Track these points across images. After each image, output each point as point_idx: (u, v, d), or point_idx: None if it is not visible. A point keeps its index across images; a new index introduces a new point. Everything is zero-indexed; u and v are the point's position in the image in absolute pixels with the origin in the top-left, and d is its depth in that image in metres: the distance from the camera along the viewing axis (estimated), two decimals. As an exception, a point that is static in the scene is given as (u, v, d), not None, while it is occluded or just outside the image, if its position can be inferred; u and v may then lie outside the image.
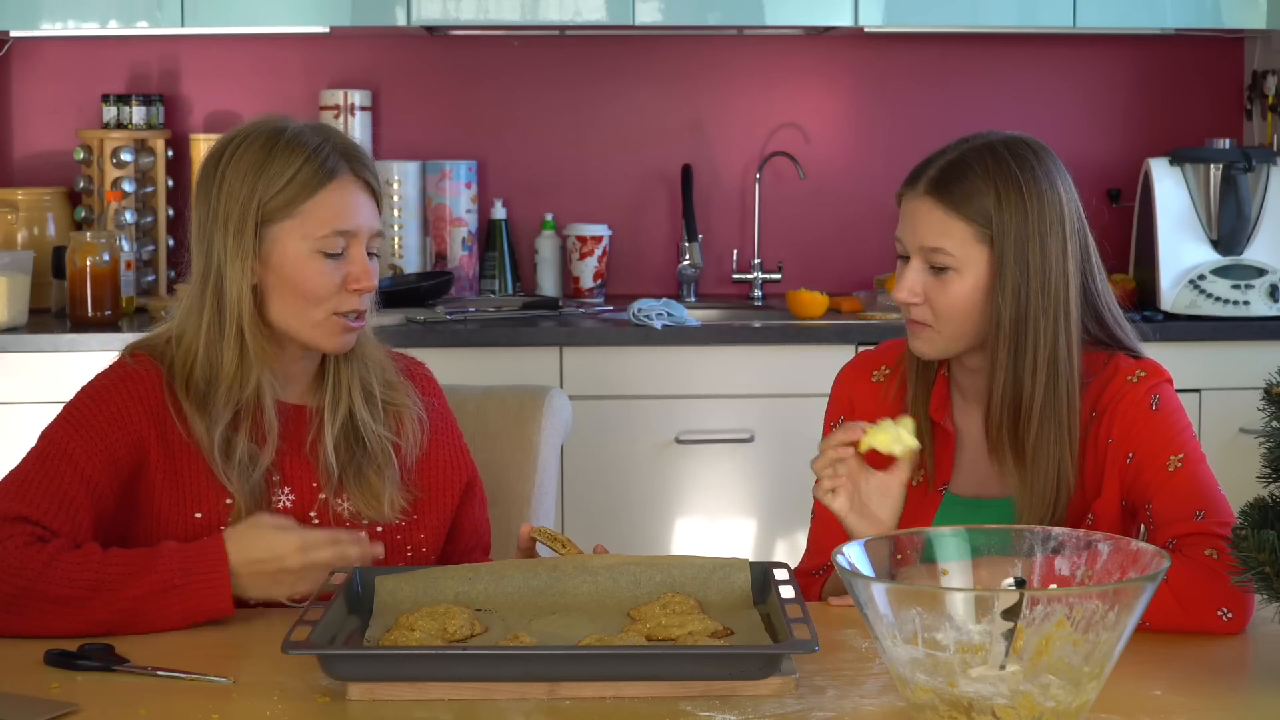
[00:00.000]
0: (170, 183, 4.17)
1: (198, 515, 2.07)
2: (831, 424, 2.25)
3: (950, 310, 2.06)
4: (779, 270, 4.30)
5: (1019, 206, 2.03)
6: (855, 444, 2.03)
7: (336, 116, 4.19)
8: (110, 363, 2.14)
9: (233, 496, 2.07)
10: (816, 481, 2.05)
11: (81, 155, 4.10)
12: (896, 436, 2.01)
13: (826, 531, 2.17)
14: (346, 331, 2.10)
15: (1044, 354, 2.05)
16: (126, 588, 1.91)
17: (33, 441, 2.06)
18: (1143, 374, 2.09)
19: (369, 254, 2.11)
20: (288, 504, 2.12)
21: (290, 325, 2.09)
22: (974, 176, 2.05)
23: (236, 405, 2.07)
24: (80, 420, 2.05)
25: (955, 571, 1.66)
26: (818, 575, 2.19)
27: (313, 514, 2.12)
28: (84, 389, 2.10)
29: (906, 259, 2.10)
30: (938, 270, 2.06)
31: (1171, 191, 3.98)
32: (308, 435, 2.14)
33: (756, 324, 3.85)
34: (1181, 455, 2.03)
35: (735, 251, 4.35)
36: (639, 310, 3.81)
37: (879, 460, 2.04)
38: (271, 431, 2.09)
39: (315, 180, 2.06)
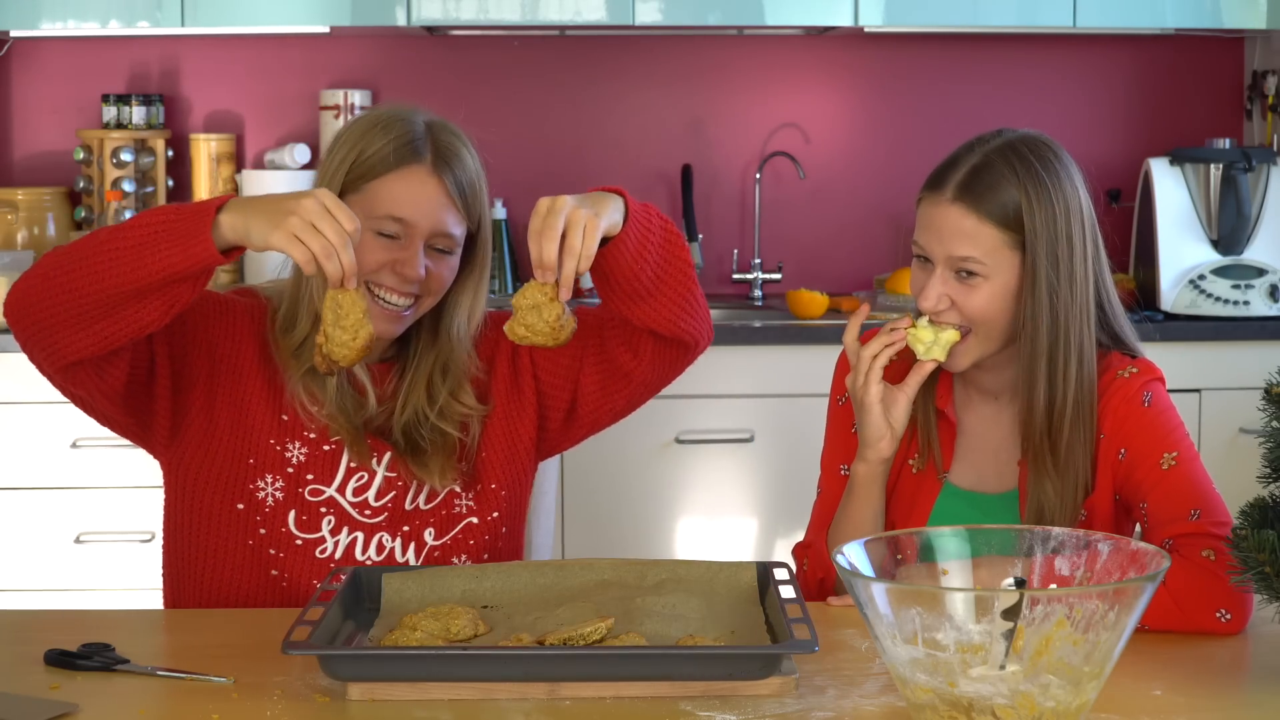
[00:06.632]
0: (170, 183, 4.17)
1: (270, 442, 2.10)
2: (837, 399, 2.23)
3: (980, 314, 2.04)
4: (779, 270, 4.30)
5: (1049, 208, 2.02)
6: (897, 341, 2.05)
7: (337, 116, 4.19)
8: None
9: (315, 431, 2.10)
10: (852, 370, 2.08)
11: (81, 155, 4.10)
12: (935, 340, 2.04)
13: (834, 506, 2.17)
14: (387, 320, 2.08)
15: (1074, 354, 2.05)
16: (125, 234, 1.87)
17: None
18: (1134, 370, 2.09)
19: (438, 250, 2.09)
20: None
21: None
22: (1003, 181, 2.02)
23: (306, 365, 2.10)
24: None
25: (955, 571, 1.66)
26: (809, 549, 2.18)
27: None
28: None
29: (924, 260, 2.08)
30: (963, 276, 2.04)
31: (1171, 191, 3.98)
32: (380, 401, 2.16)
33: (756, 324, 3.85)
34: (1175, 454, 2.03)
35: (735, 251, 4.35)
36: (639, 310, 3.80)
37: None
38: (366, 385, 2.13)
39: (389, 162, 2.06)
